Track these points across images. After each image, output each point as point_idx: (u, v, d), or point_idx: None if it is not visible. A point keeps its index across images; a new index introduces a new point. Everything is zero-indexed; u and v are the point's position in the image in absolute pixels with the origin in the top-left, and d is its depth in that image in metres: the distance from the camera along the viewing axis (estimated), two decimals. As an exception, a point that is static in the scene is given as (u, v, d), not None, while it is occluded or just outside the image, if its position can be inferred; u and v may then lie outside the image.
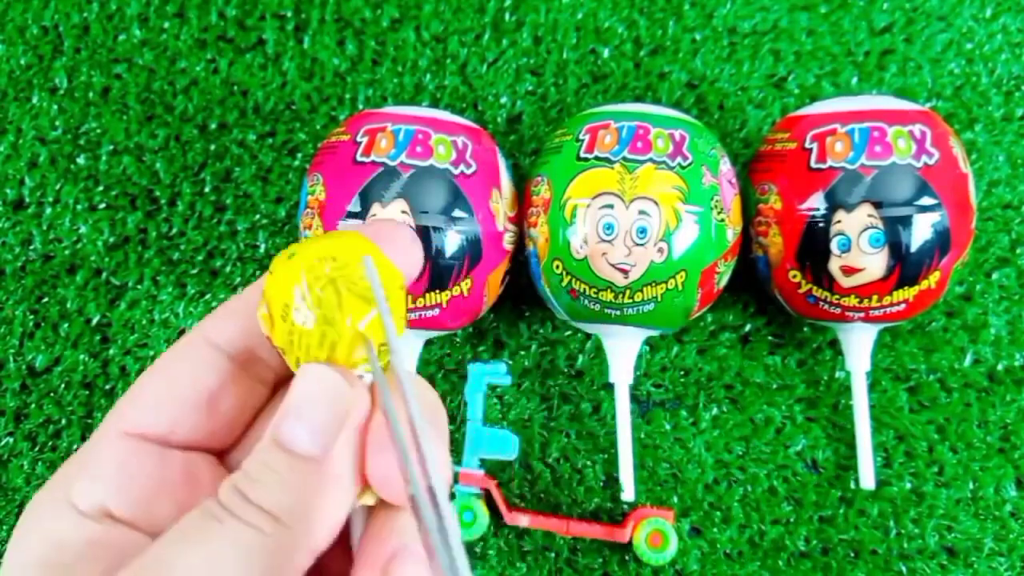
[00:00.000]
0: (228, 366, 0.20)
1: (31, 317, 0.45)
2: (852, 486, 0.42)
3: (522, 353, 0.44)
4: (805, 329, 0.44)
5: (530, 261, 0.40)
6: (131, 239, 0.46)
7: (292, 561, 0.18)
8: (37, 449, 0.44)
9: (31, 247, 0.46)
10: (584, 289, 0.37)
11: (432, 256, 0.37)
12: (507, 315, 0.44)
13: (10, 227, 0.46)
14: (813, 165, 0.37)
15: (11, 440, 0.44)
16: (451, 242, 0.37)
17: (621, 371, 0.40)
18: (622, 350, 0.40)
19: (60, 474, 0.19)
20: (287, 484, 0.18)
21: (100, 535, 0.18)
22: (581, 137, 0.38)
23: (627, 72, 0.47)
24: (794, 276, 0.38)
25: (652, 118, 0.38)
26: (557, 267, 0.38)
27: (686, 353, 0.44)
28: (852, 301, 0.38)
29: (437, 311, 0.38)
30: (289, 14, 0.48)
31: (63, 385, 0.44)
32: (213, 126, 0.47)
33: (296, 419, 0.18)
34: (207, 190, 0.46)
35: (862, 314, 0.38)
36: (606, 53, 0.47)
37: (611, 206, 0.36)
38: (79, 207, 0.46)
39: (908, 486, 0.42)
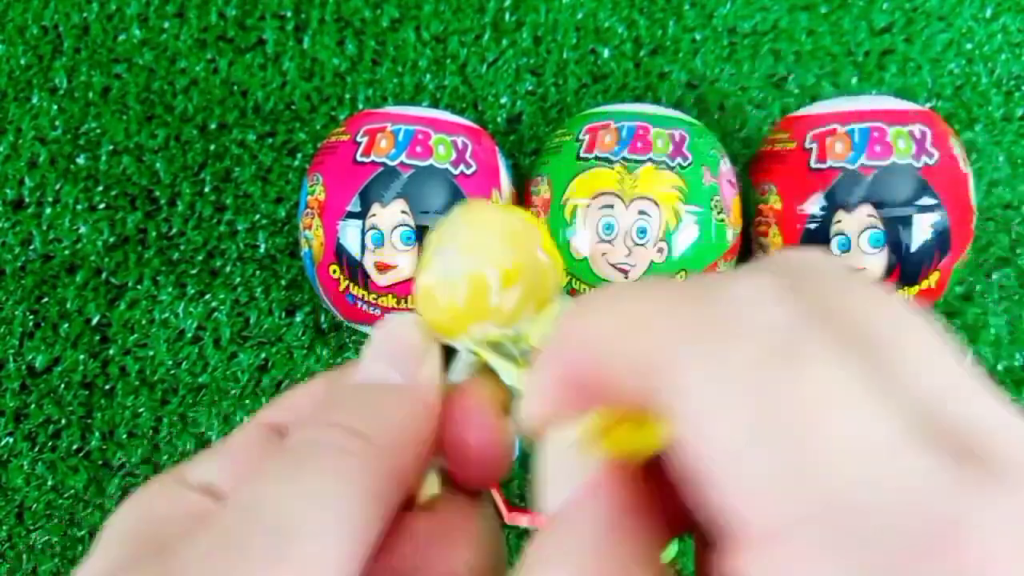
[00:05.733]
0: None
1: (31, 317, 0.45)
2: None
3: (522, 353, 0.44)
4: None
5: (530, 261, 0.40)
6: (131, 239, 0.46)
7: (390, 486, 0.16)
8: (37, 449, 0.44)
9: (31, 247, 0.46)
10: (584, 289, 0.37)
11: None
12: (507, 315, 0.44)
13: (10, 227, 0.46)
14: (813, 165, 0.37)
15: (11, 440, 0.44)
16: (451, 242, 0.37)
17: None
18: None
19: (188, 460, 0.19)
20: (368, 404, 0.17)
21: (199, 508, 0.16)
22: (581, 137, 0.38)
23: (627, 72, 0.47)
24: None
25: (652, 118, 0.38)
26: (557, 267, 0.38)
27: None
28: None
29: (437, 311, 0.38)
30: (289, 14, 0.48)
31: (63, 385, 0.44)
32: (213, 126, 0.47)
33: (375, 358, 0.18)
34: (207, 190, 0.46)
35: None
36: (606, 53, 0.47)
37: (611, 206, 0.36)
38: (79, 207, 0.46)
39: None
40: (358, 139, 0.38)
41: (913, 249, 0.36)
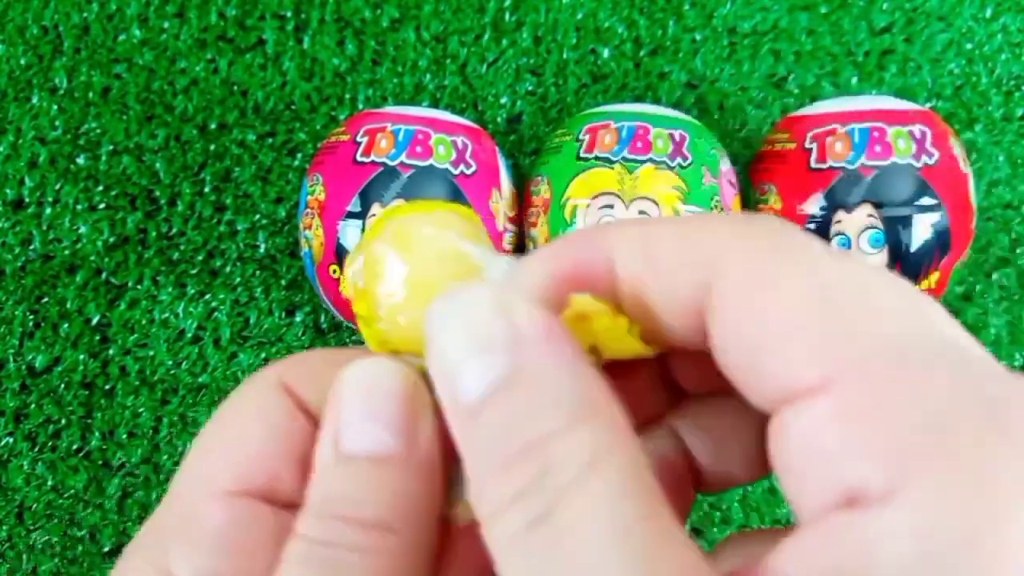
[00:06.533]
0: (294, 409, 0.17)
1: (31, 317, 0.45)
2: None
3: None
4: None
5: (530, 261, 0.40)
6: (131, 239, 0.46)
7: (428, 572, 0.15)
8: (37, 449, 0.44)
9: (31, 247, 0.46)
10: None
11: (432, 256, 0.37)
12: (507, 315, 0.44)
13: (10, 227, 0.46)
14: (813, 165, 0.37)
15: (11, 440, 0.44)
16: (451, 242, 0.37)
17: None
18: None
19: (148, 539, 0.16)
20: (381, 489, 0.15)
21: None
22: (581, 137, 0.38)
23: (627, 72, 0.47)
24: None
25: (652, 118, 0.38)
26: (557, 267, 0.38)
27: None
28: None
29: (437, 311, 0.38)
30: (289, 14, 0.48)
31: (63, 385, 0.44)
32: (213, 126, 0.47)
33: (366, 420, 0.15)
34: (207, 190, 0.46)
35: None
36: (606, 53, 0.47)
37: (611, 206, 0.36)
38: (79, 207, 0.46)
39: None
40: (358, 139, 0.38)
41: (913, 249, 0.36)
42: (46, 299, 0.45)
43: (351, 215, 0.37)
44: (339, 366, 0.16)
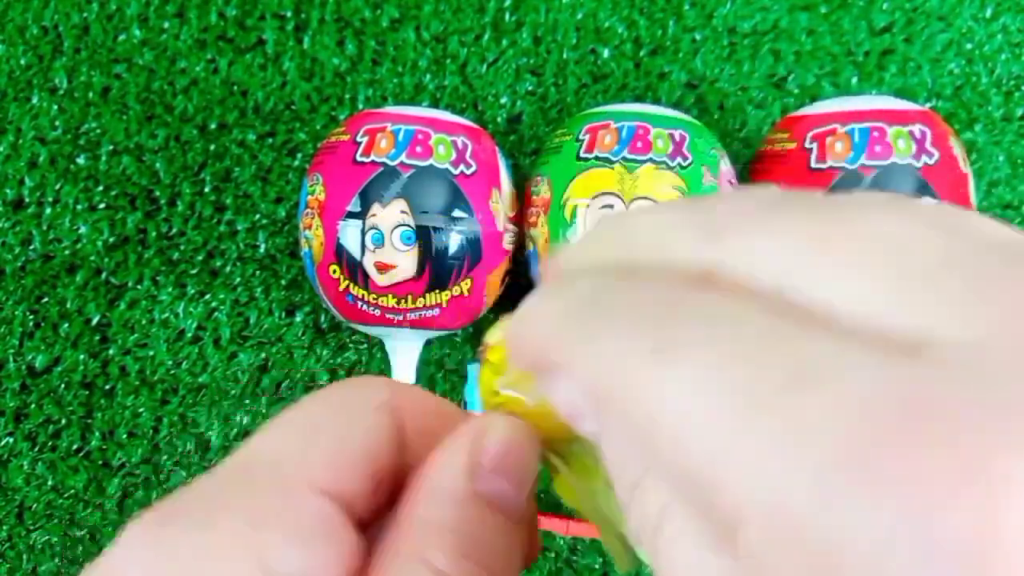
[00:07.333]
0: (394, 435, 0.17)
1: (31, 317, 0.45)
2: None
3: (522, 353, 0.44)
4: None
5: (530, 261, 0.40)
6: (131, 239, 0.46)
7: None
8: (37, 449, 0.44)
9: (31, 247, 0.46)
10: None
11: (432, 256, 0.37)
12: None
13: (10, 227, 0.46)
14: (813, 165, 0.37)
15: (11, 440, 0.44)
16: (451, 242, 0.37)
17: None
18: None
19: (239, 518, 0.15)
20: (511, 544, 0.16)
21: None
22: (581, 137, 0.38)
23: (627, 72, 0.47)
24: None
25: (652, 118, 0.38)
26: (557, 267, 0.38)
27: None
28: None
29: (437, 311, 0.38)
30: (289, 14, 0.48)
31: (63, 385, 0.44)
32: (213, 126, 0.47)
33: (502, 472, 0.16)
34: (207, 190, 0.46)
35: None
36: (606, 53, 0.47)
37: (611, 206, 0.36)
38: (79, 207, 0.46)
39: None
40: (358, 139, 0.38)
41: (913, 249, 0.36)
42: (46, 299, 0.45)
43: (351, 215, 0.37)
44: (446, 417, 0.18)
